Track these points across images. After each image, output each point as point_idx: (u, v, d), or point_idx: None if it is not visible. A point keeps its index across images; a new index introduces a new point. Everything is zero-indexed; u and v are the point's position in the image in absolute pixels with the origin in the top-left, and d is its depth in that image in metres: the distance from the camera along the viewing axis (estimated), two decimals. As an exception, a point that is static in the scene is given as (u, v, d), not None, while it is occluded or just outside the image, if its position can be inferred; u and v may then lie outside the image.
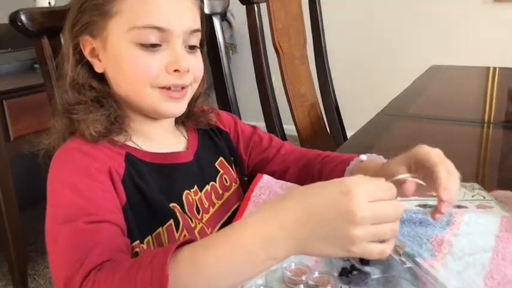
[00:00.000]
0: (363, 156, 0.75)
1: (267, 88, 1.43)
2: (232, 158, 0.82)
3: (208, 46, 1.05)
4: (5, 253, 1.74)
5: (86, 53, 0.67)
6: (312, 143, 1.62)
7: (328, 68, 1.80)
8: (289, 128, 1.52)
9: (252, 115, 1.78)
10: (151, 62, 0.64)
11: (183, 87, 0.67)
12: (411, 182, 0.58)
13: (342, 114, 1.84)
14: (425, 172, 0.59)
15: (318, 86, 1.79)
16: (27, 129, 1.70)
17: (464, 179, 0.81)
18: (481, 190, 0.79)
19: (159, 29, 0.64)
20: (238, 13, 1.06)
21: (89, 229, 0.56)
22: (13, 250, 1.70)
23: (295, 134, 1.59)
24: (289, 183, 0.76)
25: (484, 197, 0.77)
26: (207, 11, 1.01)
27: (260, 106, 1.45)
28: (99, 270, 0.51)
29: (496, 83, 1.86)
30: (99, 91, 0.68)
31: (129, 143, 0.69)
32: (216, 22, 1.03)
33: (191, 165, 0.74)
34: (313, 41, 1.76)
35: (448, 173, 0.57)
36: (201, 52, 0.73)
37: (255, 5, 1.34)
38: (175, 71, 0.65)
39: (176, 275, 0.47)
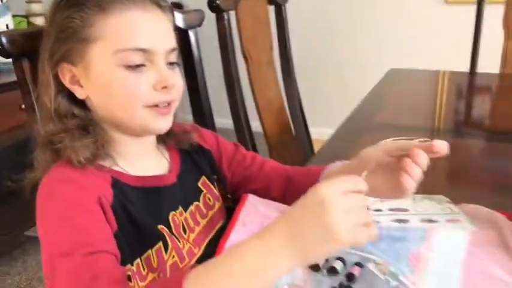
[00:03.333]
0: (338, 163, 0.79)
1: (235, 92, 1.45)
2: (215, 176, 0.84)
3: (184, 59, 1.06)
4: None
5: (66, 81, 0.67)
6: (278, 146, 1.66)
7: (293, 73, 1.84)
8: (256, 124, 1.57)
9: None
10: (140, 83, 0.66)
11: (169, 103, 0.69)
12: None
13: (306, 116, 1.90)
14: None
15: (283, 90, 1.83)
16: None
17: (432, 190, 0.88)
18: (449, 203, 0.85)
19: (143, 50, 0.66)
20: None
21: (86, 262, 0.57)
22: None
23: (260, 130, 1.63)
24: (274, 203, 0.79)
25: (452, 210, 0.83)
26: (182, 25, 1.02)
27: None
28: None
29: (445, 88, 1.96)
30: (82, 118, 0.68)
31: (114, 167, 0.70)
32: (192, 36, 1.04)
33: (175, 187, 0.76)
34: (279, 47, 1.80)
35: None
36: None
37: (225, 13, 1.36)
38: (163, 88, 0.67)
39: None
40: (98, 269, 0.57)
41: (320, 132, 1.25)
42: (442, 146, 0.62)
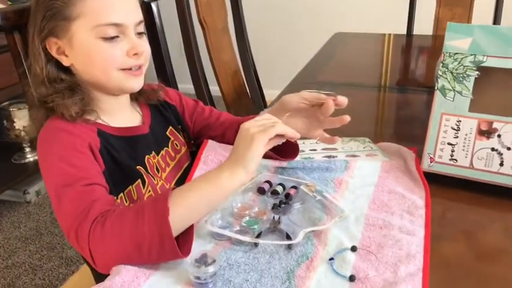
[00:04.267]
0: (267, 109, 0.99)
1: (194, 58, 1.61)
2: (179, 127, 1.01)
3: (147, 30, 1.20)
4: None
5: (53, 52, 0.82)
6: (235, 107, 1.84)
7: (247, 37, 2.00)
8: (215, 88, 1.73)
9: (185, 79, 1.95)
10: (115, 51, 0.81)
11: (140, 67, 0.85)
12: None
13: (260, 79, 2.07)
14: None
15: (238, 54, 1.99)
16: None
17: (362, 134, 1.08)
18: (370, 143, 1.06)
19: (116, 24, 0.81)
20: None
21: (85, 190, 0.74)
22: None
23: (220, 94, 1.80)
24: (228, 145, 0.97)
25: (372, 148, 1.04)
26: (146, -1, 1.17)
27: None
28: (103, 217, 0.69)
29: (391, 49, 2.16)
30: (69, 81, 0.83)
31: (99, 121, 0.86)
32: (154, 8, 1.19)
33: (148, 135, 0.93)
34: (233, 13, 1.94)
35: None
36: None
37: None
38: (135, 54, 0.82)
39: (172, 210, 0.67)
40: (96, 194, 0.74)
41: (273, 93, 1.43)
42: (343, 100, 0.86)
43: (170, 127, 0.99)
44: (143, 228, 0.66)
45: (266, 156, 0.95)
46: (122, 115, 0.91)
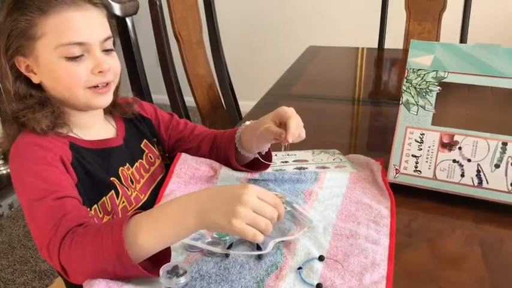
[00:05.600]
0: (247, 122, 0.99)
1: (169, 70, 1.63)
2: (155, 140, 1.03)
3: (122, 43, 1.22)
4: None
5: (22, 70, 0.83)
6: (210, 119, 1.86)
7: (222, 50, 2.03)
8: (190, 99, 1.75)
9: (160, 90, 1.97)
10: (80, 70, 0.82)
11: (107, 84, 0.86)
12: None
13: (235, 91, 2.10)
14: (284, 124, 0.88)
15: (213, 67, 2.02)
16: None
17: (335, 146, 1.12)
18: (339, 155, 1.09)
19: (80, 43, 0.81)
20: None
21: (56, 204, 0.75)
22: None
23: (195, 105, 1.82)
24: (202, 158, 0.99)
25: (341, 159, 1.07)
26: (120, 14, 1.19)
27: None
28: (73, 233, 0.70)
29: (364, 62, 2.22)
30: (38, 97, 0.84)
31: (71, 134, 0.87)
32: (129, 23, 1.21)
33: (122, 148, 0.94)
34: (208, 26, 1.97)
35: (295, 122, 0.86)
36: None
37: (157, 0, 1.52)
38: (100, 72, 0.83)
39: (128, 235, 0.66)
40: (67, 208, 0.75)
41: (248, 105, 1.46)
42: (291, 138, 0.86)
43: (145, 140, 1.00)
44: (103, 254, 0.66)
45: (238, 169, 0.97)
46: (94, 128, 0.92)
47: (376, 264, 0.72)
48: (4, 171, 2.46)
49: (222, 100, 2.00)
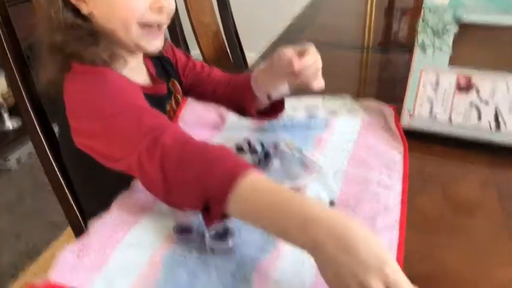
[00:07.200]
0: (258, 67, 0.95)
1: (174, 21, 1.57)
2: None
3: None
4: None
5: None
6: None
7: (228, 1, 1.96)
8: (196, 52, 1.70)
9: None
10: (138, 2, 0.76)
11: (159, 26, 0.80)
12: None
13: (241, 40, 2.04)
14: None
15: (218, 15, 1.95)
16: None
17: (344, 93, 1.08)
18: (350, 100, 1.06)
19: None
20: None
21: (151, 111, 0.70)
22: None
23: (201, 58, 1.77)
24: (208, 104, 0.96)
25: (352, 105, 1.03)
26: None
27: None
28: (183, 145, 0.62)
29: (373, 10, 2.14)
30: (88, 29, 0.77)
31: (126, 74, 0.81)
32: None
33: (167, 97, 0.92)
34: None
35: (313, 59, 0.86)
36: None
37: None
38: (158, 8, 0.77)
39: (237, 192, 0.56)
40: (166, 121, 0.70)
41: (255, 57, 1.42)
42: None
43: (171, 79, 0.97)
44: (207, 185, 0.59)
45: (251, 113, 0.94)
46: (136, 71, 0.86)
47: (389, 208, 0.70)
48: (11, 126, 2.45)
49: (228, 50, 1.95)
